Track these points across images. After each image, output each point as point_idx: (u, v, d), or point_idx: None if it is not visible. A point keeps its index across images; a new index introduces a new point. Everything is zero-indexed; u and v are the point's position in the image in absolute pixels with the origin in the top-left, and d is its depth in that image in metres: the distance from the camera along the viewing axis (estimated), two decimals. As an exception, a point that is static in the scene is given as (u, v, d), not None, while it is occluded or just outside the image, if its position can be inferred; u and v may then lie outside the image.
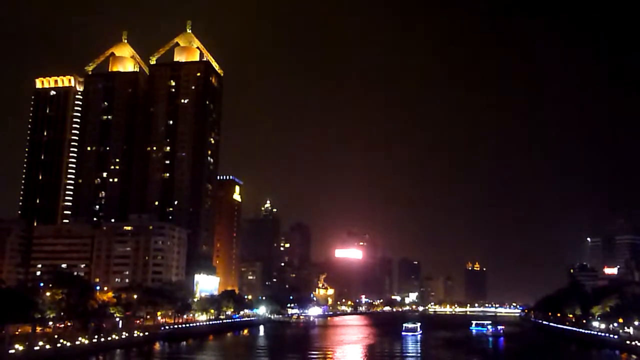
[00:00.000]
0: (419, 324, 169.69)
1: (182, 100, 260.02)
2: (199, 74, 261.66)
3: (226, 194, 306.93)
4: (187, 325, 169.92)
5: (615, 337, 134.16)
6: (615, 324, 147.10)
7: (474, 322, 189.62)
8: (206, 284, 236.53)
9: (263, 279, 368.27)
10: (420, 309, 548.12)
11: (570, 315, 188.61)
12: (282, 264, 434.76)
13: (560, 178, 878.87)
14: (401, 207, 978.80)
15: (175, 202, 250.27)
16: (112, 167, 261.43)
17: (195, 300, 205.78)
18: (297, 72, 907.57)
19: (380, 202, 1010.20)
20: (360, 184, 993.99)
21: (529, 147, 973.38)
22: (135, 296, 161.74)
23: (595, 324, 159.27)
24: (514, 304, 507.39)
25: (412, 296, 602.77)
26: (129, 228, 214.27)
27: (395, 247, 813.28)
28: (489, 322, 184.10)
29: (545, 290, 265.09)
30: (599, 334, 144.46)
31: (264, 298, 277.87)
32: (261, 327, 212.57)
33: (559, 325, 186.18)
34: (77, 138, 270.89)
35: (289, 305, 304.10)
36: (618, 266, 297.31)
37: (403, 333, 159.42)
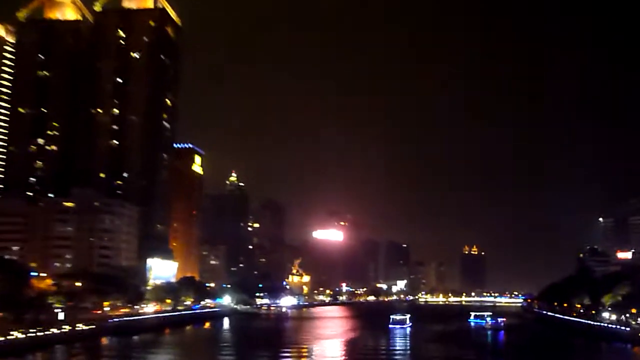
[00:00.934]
0: (408, 316, 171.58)
1: (133, 55, 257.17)
2: (152, 24, 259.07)
3: (185, 165, 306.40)
4: (140, 317, 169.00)
5: (627, 329, 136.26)
6: (628, 315, 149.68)
7: (472, 314, 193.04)
8: (162, 270, 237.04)
9: (228, 264, 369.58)
10: (410, 298, 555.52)
11: (578, 306, 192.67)
12: (251, 247, 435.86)
13: (568, 154, 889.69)
14: (389, 184, 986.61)
15: (125, 175, 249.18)
16: (50, 132, 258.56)
17: (149, 288, 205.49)
18: (271, 26, 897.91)
19: (365, 177, 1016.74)
20: (343, 157, 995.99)
21: (534, 118, 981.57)
22: (78, 284, 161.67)
23: (606, 314, 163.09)
24: (516, 293, 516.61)
25: (401, 284, 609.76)
26: (70, 205, 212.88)
27: (381, 229, 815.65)
28: (489, 313, 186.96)
29: (551, 278, 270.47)
30: (610, 325, 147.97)
31: (229, 286, 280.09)
32: (225, 320, 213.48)
33: (565, 317, 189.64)
34: (7, 98, 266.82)
35: (258, 294, 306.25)
36: (633, 250, 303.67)
37: (390, 326, 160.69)
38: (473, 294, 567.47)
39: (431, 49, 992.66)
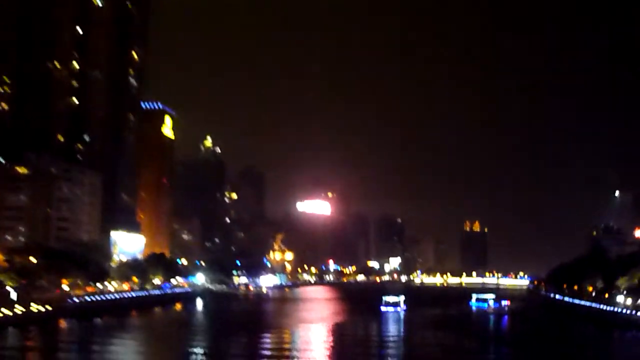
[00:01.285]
0: (402, 298, 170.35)
1: (95, 1, 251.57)
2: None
3: (154, 127, 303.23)
4: (103, 297, 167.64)
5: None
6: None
7: (474, 296, 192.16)
8: (127, 245, 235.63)
9: (202, 240, 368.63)
10: (404, 279, 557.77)
11: (590, 288, 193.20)
12: (228, 221, 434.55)
13: (581, 121, 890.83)
14: (382, 153, 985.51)
15: (86, 138, 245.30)
16: (0, 89, 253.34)
17: (113, 265, 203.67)
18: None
19: (356, 144, 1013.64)
20: (330, 121, 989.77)
21: (544, 81, 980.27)
22: (33, 260, 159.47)
23: (620, 298, 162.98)
24: (521, 275, 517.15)
25: (394, 263, 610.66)
26: (23, 171, 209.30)
27: (373, 202, 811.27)
28: (492, 296, 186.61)
29: (560, 258, 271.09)
30: (624, 311, 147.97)
31: (203, 263, 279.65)
32: (199, 301, 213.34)
33: (575, 301, 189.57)
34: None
35: (235, 273, 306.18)
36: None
37: (382, 309, 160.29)
38: (474, 274, 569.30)
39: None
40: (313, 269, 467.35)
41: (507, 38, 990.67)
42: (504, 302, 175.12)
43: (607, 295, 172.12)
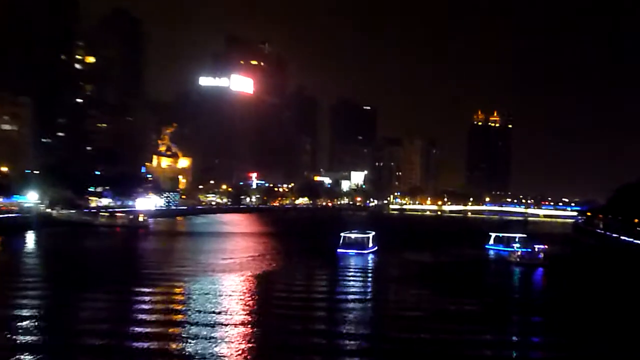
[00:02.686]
0: (371, 234, 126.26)
1: None
2: None
3: None
4: None
5: None
6: None
7: (492, 236, 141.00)
8: None
9: (36, 132, 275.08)
10: (373, 204, 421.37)
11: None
12: (80, 101, 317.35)
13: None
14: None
15: None
16: None
17: None
18: None
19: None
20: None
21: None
22: None
23: None
24: (565, 202, 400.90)
25: (357, 178, 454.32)
26: None
27: (327, 78, 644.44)
28: (521, 235, 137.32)
29: (625, 177, 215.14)
30: None
31: (37, 172, 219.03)
32: (30, 234, 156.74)
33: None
34: None
35: (93, 189, 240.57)
36: None
37: (339, 251, 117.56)
38: (487, 199, 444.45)
39: None
40: (224, 186, 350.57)
41: None
42: (539, 247, 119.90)
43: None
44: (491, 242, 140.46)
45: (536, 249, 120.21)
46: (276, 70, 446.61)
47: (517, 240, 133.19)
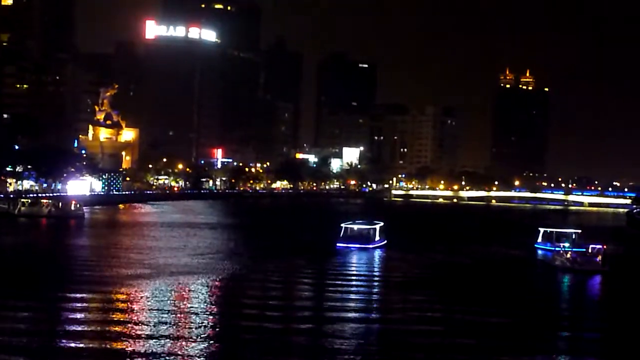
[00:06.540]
0: (378, 226, 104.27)
1: None
2: None
3: None
4: None
5: None
6: None
7: (541, 230, 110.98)
8: None
9: None
10: (371, 188, 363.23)
11: None
12: None
13: None
14: None
15: None
16: None
17: None
18: None
19: None
20: None
21: None
22: None
23: None
24: (615, 186, 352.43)
25: (350, 156, 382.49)
26: None
27: (314, 28, 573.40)
28: (575, 230, 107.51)
29: None
30: None
31: None
32: None
33: None
34: None
35: (10, 168, 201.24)
36: None
37: (339, 245, 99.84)
38: (517, 183, 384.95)
39: None
40: (180, 165, 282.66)
41: None
42: (595, 246, 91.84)
43: None
44: (540, 237, 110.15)
45: (591, 249, 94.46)
46: (248, 17, 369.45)
47: (569, 236, 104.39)
